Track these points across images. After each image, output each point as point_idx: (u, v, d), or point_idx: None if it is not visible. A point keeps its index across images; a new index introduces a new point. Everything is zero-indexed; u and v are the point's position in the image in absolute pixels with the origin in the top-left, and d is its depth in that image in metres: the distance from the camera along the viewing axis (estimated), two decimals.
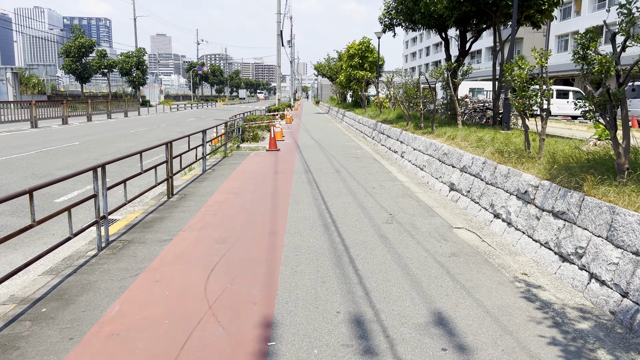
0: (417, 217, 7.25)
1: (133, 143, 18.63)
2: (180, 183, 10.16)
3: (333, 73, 49.41)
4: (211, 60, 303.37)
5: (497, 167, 7.01)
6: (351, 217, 7.22)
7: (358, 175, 10.96)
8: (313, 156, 14.46)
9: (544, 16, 13.11)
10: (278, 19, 41.73)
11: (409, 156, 12.35)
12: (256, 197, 8.74)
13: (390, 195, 8.79)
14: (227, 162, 13.37)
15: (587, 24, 48.14)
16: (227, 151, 15.04)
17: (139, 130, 24.64)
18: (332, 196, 8.74)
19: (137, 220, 7.17)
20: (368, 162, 13.25)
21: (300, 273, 4.99)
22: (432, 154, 10.36)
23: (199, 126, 28.53)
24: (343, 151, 15.83)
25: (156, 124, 30.18)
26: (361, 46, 30.70)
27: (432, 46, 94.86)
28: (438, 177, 9.51)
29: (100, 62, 59.90)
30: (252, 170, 11.79)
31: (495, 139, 9.40)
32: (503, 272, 5.08)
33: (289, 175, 11.08)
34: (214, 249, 5.80)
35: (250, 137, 18.86)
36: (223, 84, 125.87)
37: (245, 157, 14.39)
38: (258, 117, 26.84)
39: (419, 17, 14.77)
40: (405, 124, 15.45)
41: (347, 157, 14.30)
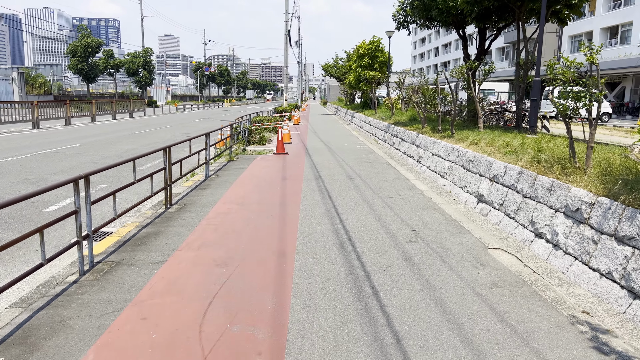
0: (444, 235, 6.40)
1: (135, 145, 17.89)
2: (181, 191, 9.36)
3: (341, 73, 48.57)
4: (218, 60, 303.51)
5: (537, 179, 6.14)
6: (370, 234, 6.38)
7: (373, 183, 10.12)
8: (323, 160, 13.63)
9: (572, 12, 12.21)
10: (286, 19, 40.99)
11: (427, 162, 11.49)
12: (262, 207, 7.92)
13: (410, 207, 7.94)
14: (232, 166, 12.57)
15: (601, 23, 47.08)
16: (233, 155, 14.25)
17: (142, 132, 23.93)
18: (346, 207, 7.91)
19: (130, 236, 6.37)
20: (382, 167, 12.40)
21: (314, 309, 4.16)
22: (455, 160, 9.49)
23: (204, 127, 27.80)
24: (354, 155, 14.99)
25: (161, 125, 29.49)
26: (371, 46, 29.84)
27: (441, 47, 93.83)
28: (463, 187, 8.65)
29: (107, 62, 59.41)
30: (259, 176, 10.98)
31: (525, 145, 8.54)
32: (558, 309, 4.22)
33: (298, 182, 10.26)
34: (214, 274, 4.98)
35: (256, 139, 18.06)
36: (230, 85, 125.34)
37: (252, 161, 13.59)
38: (265, 118, 26.07)
39: (436, 13, 13.91)
40: (420, 127, 14.59)
41: (359, 161, 13.46)
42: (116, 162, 6.11)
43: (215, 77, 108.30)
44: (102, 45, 55.62)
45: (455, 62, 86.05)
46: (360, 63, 30.00)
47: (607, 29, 48.20)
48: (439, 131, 12.52)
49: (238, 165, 12.80)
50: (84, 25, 54.62)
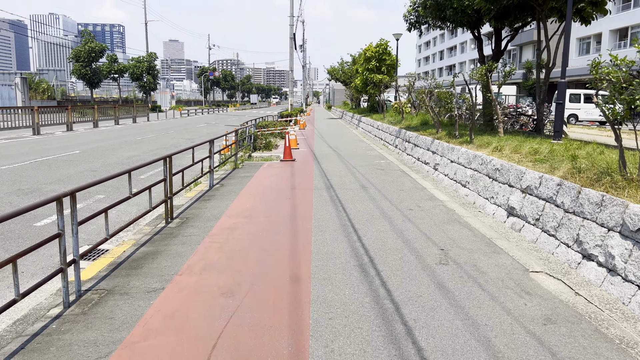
0: (477, 255, 5.70)
1: (137, 152, 17.28)
2: (183, 202, 8.70)
3: (347, 77, 47.95)
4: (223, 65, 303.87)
5: (581, 192, 5.44)
6: (393, 254, 5.69)
7: (389, 193, 9.43)
8: (333, 167, 12.96)
9: (596, 10, 11.52)
10: (291, 22, 40.44)
11: (444, 169, 10.80)
12: (271, 221, 7.25)
13: (434, 221, 7.25)
14: (237, 174, 11.92)
15: (610, 25, 46.28)
16: (238, 162, 13.60)
17: (145, 138, 23.35)
18: (363, 221, 7.22)
19: (125, 257, 5.71)
20: (396, 175, 11.71)
21: (338, 354, 3.48)
22: (478, 168, 8.80)
23: (208, 133, 27.20)
24: (365, 161, 14.30)
25: (164, 130, 28.91)
26: (378, 49, 29.19)
27: (446, 50, 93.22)
28: (489, 198, 7.95)
29: (111, 67, 59.07)
30: (266, 186, 10.32)
31: (555, 152, 7.85)
32: (632, 353, 3.53)
33: (308, 191, 9.59)
34: (218, 306, 4.31)
35: (262, 145, 17.42)
36: (234, 89, 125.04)
37: (258, 168, 12.93)
38: (270, 123, 25.45)
39: (450, 13, 13.24)
40: (434, 132, 13.90)
41: (371, 168, 12.78)
42: (111, 174, 5.48)
43: (220, 81, 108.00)
44: (106, 50, 55.24)
45: (460, 66, 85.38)
46: (367, 66, 29.35)
47: (617, 30, 47.42)
48: (455, 136, 11.83)
49: (244, 173, 12.14)
50: (87, 30, 54.28)
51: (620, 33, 47.41)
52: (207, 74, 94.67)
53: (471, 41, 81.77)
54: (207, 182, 10.54)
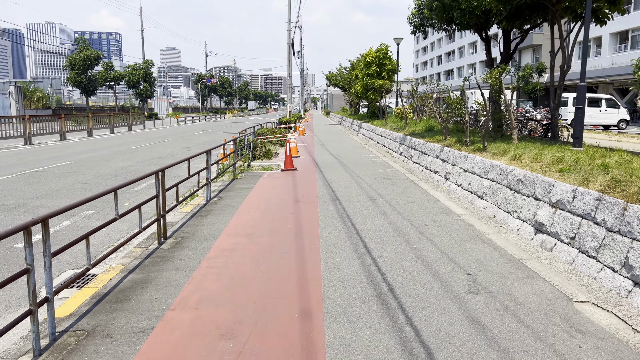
0: (510, 280, 5.04)
1: (131, 162, 16.62)
2: (178, 218, 8.04)
3: (346, 83, 47.43)
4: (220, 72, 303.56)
5: (628, 209, 4.80)
6: (414, 281, 5.03)
7: (399, 205, 8.78)
8: (337, 177, 12.31)
9: (614, 9, 10.93)
10: (289, 28, 39.94)
11: (457, 179, 10.15)
12: (274, 241, 6.58)
13: (453, 239, 6.59)
14: (236, 186, 11.26)
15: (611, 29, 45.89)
16: (237, 172, 12.93)
17: (140, 146, 22.68)
18: (375, 240, 6.56)
19: (111, 287, 5.04)
20: (405, 185, 11.06)
21: None
22: (497, 179, 8.15)
23: (206, 140, 26.56)
24: (370, 170, 13.66)
25: (161, 138, 28.26)
26: (379, 53, 28.65)
27: (444, 55, 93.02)
28: (511, 212, 7.30)
29: (107, 74, 58.44)
30: (267, 199, 9.65)
31: (580, 161, 7.22)
32: None
33: (312, 205, 8.93)
34: (217, 351, 3.64)
35: (262, 153, 16.77)
36: (232, 96, 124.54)
37: (258, 179, 12.27)
38: (269, 130, 24.84)
39: (457, 14, 12.65)
40: (442, 138, 13.28)
41: (378, 178, 12.13)
42: (93, 194, 4.82)
43: (217, 88, 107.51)
44: (102, 57, 54.64)
45: (459, 70, 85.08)
46: (367, 71, 28.79)
47: (617, 34, 47.05)
48: (466, 143, 11.20)
49: (243, 184, 11.48)
50: (82, 38, 53.69)
51: (620, 36, 47.06)
52: (204, 80, 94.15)
53: (469, 46, 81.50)
54: (204, 195, 9.89)
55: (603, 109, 31.36)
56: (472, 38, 79.14)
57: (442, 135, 13.87)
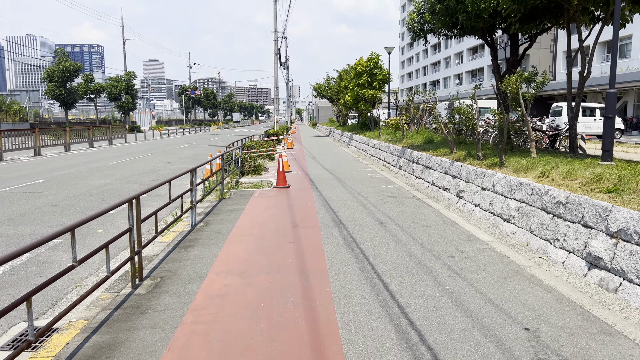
0: (582, 338, 3.94)
1: (109, 179, 15.31)
2: (158, 250, 6.83)
3: (334, 94, 46.53)
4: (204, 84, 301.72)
5: None
6: (462, 342, 3.90)
7: (414, 230, 7.67)
8: (335, 195, 11.18)
9: (636, 9, 10.07)
10: (275, 38, 38.99)
11: (473, 198, 9.09)
12: (275, 281, 5.41)
13: (490, 275, 5.48)
14: (225, 207, 10.06)
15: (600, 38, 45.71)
16: (225, 191, 11.73)
17: (121, 162, 21.34)
18: (397, 278, 5.43)
19: (66, 356, 3.82)
20: (413, 204, 9.97)
21: None
22: (527, 199, 7.09)
23: (190, 155, 25.29)
24: (370, 187, 12.56)
25: (142, 153, 26.90)
26: (369, 63, 27.71)
27: (429, 65, 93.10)
28: (551, 240, 6.23)
29: (87, 86, 56.79)
30: (260, 223, 8.48)
31: (625, 179, 6.22)
32: None
33: (314, 230, 7.78)
34: None
35: (251, 169, 15.59)
36: (216, 108, 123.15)
37: (248, 198, 11.09)
38: (257, 143, 23.66)
39: (463, 17, 11.70)
40: (447, 151, 12.26)
41: (381, 196, 11.02)
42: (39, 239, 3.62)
43: (201, 100, 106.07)
44: (81, 69, 53.06)
45: (445, 81, 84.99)
46: (358, 81, 27.82)
47: (605, 43, 46.97)
48: (479, 158, 10.18)
49: (232, 205, 10.28)
50: (61, 49, 52.09)
51: (608, 45, 47.03)
52: (188, 92, 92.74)
53: (455, 56, 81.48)
54: (188, 219, 8.68)
55: (598, 118, 30.80)
56: (458, 48, 79.14)
57: (446, 148, 12.86)
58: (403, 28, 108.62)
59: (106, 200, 11.66)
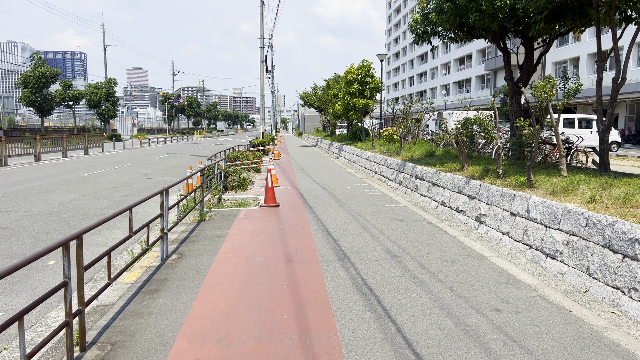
0: None
1: (76, 195, 13.66)
2: (114, 297, 5.28)
3: (321, 103, 45.20)
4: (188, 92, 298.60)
5: None
6: None
7: (436, 267, 6.24)
8: (333, 217, 9.72)
9: None
10: (261, 44, 37.63)
11: (500, 225, 7.70)
12: (267, 353, 3.92)
13: (562, 345, 4.06)
14: (204, 232, 8.52)
15: (588, 49, 45.36)
16: (205, 210, 10.19)
17: (93, 173, 19.63)
18: (434, 348, 3.98)
19: None
20: (426, 230, 8.54)
21: None
22: (581, 232, 5.71)
23: (170, 165, 23.64)
24: (370, 206, 11.12)
25: (119, 163, 25.16)
26: (360, 70, 26.45)
27: (416, 76, 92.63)
28: (626, 289, 4.83)
29: (65, 93, 54.69)
30: (247, 256, 6.97)
31: None
32: None
33: (313, 267, 6.30)
34: None
35: (235, 183, 14.05)
36: (200, 116, 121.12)
37: (232, 220, 9.57)
38: (242, 154, 22.13)
39: (475, 17, 10.41)
40: (457, 167, 10.90)
41: (385, 218, 9.58)
42: None
43: (185, 108, 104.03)
44: (59, 75, 50.98)
45: (432, 91, 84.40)
46: (349, 90, 26.50)
47: (594, 54, 46.51)
48: (498, 175, 8.82)
49: (213, 229, 8.75)
50: (37, 54, 49.97)
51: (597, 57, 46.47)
52: (171, 100, 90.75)
53: (442, 67, 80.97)
54: (159, 249, 7.13)
55: (594, 130, 29.90)
56: (445, 59, 78.67)
57: (454, 163, 11.51)
58: (389, 39, 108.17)
59: (67, 220, 10.06)
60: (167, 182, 16.00)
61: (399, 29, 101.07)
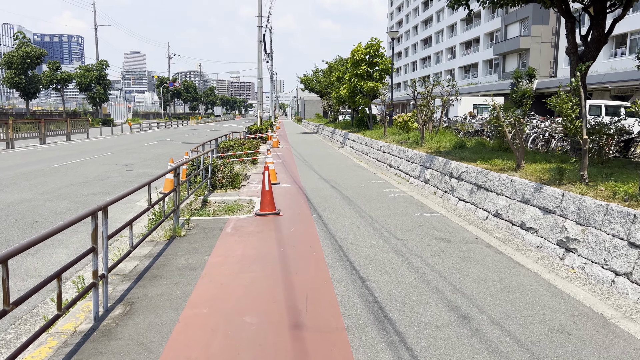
0: None
1: (32, 193, 11.18)
2: None
3: (323, 87, 42.47)
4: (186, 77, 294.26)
5: None
6: None
7: (544, 348, 3.77)
8: (353, 235, 7.21)
9: None
10: (259, 23, 34.81)
11: (607, 259, 5.20)
12: None
13: None
14: (173, 259, 6.02)
15: None
16: (179, 224, 7.68)
17: (66, 164, 17.09)
18: None
19: None
20: (491, 260, 6.03)
21: None
22: None
23: (158, 154, 21.10)
24: (397, 214, 8.62)
25: (101, 151, 22.59)
26: (369, 50, 23.75)
27: (419, 61, 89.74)
28: None
29: (53, 75, 51.77)
30: (229, 313, 4.47)
31: None
32: None
33: (335, 341, 3.82)
34: None
35: (225, 180, 11.53)
36: (197, 101, 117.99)
37: (215, 239, 7.06)
38: (236, 142, 19.51)
39: None
40: (510, 165, 8.40)
41: (424, 236, 7.08)
42: None
43: (181, 93, 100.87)
44: (45, 55, 48.05)
45: (436, 76, 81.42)
46: (355, 72, 23.84)
47: (612, 37, 43.69)
48: (584, 180, 6.34)
49: (187, 254, 6.23)
50: (21, 32, 47.01)
51: (616, 40, 43.79)
52: (166, 84, 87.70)
53: (447, 51, 77.90)
54: (95, 300, 4.62)
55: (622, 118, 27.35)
56: (450, 43, 75.73)
57: (502, 159, 9.02)
58: (391, 22, 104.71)
59: (3, 231, 7.57)
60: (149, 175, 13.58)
61: (402, 12, 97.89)
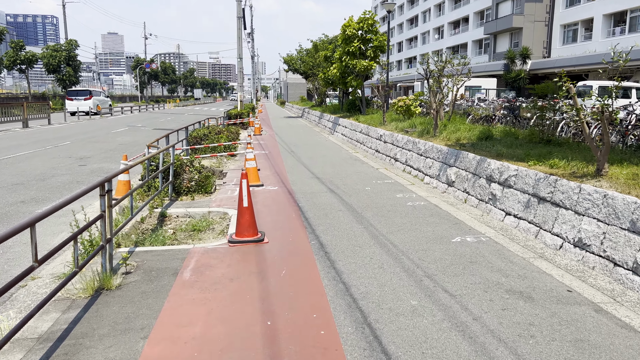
0: None
1: None
2: None
3: (308, 68, 39.65)
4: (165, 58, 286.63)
5: None
6: None
7: None
8: (377, 285, 4.75)
9: None
10: None
11: None
12: None
13: None
14: (83, 350, 3.50)
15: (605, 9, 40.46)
16: (112, 267, 5.14)
17: (8, 157, 14.32)
18: None
19: None
20: (623, 352, 3.68)
21: None
22: None
23: (124, 143, 18.32)
24: (431, 240, 6.19)
25: (59, 140, 19.68)
26: (362, 24, 21.10)
27: (405, 41, 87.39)
28: None
29: (16, 55, 47.95)
30: None
31: None
32: None
33: None
34: None
35: (193, 184, 8.95)
36: (176, 84, 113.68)
37: (166, 291, 4.53)
38: (212, 129, 16.82)
39: None
40: (582, 166, 6.03)
41: (487, 289, 4.67)
42: None
43: (159, 75, 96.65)
44: (5, 33, 44.23)
45: (422, 57, 78.80)
46: (347, 49, 21.20)
47: (611, 15, 41.55)
48: None
49: (112, 333, 3.67)
50: None
51: (615, 18, 41.62)
52: (143, 65, 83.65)
53: (434, 31, 75.13)
54: None
55: (634, 100, 25.29)
56: (438, 22, 73.12)
57: (560, 158, 6.63)
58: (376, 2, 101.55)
59: None
60: (106, 172, 11.00)
61: None
